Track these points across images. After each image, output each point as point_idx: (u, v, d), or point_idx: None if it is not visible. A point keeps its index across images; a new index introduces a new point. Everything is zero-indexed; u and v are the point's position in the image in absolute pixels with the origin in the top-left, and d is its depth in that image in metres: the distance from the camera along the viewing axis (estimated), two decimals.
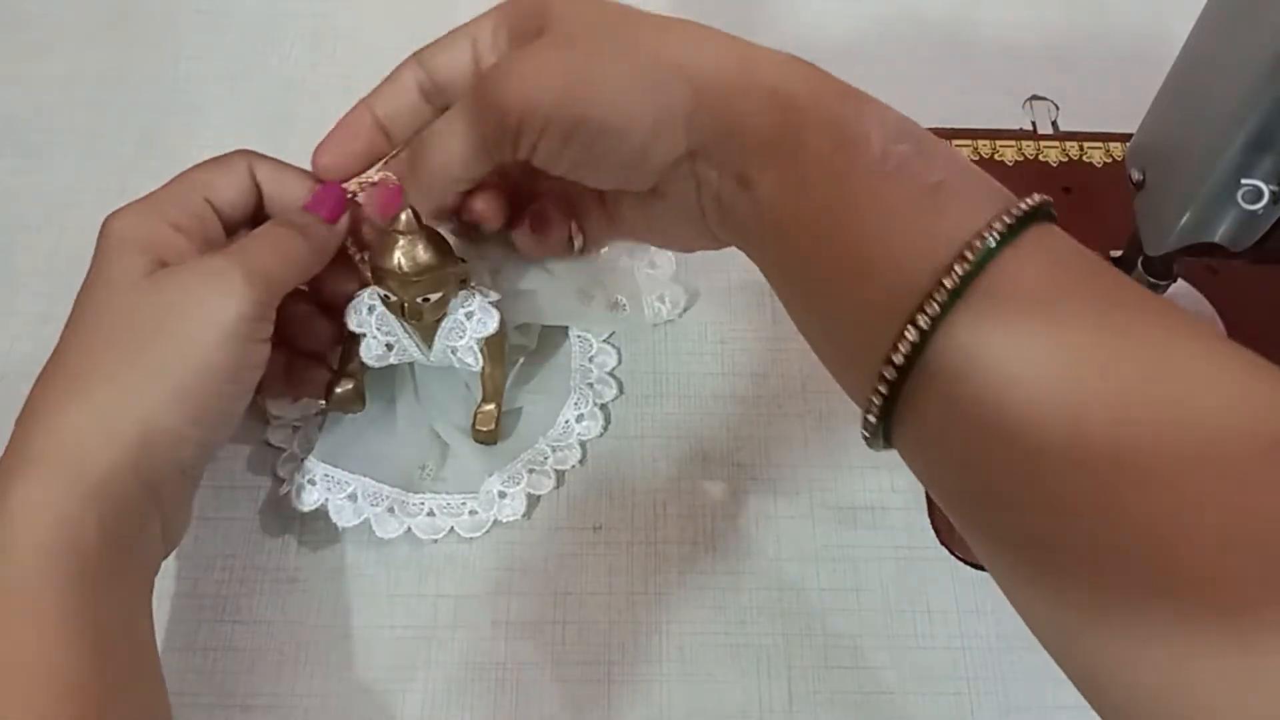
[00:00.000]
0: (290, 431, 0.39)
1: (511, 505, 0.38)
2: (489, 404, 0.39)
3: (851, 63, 0.52)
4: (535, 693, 0.35)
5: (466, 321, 0.35)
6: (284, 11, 0.52)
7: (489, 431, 0.39)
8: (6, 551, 0.27)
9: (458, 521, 0.38)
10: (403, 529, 0.37)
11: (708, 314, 0.43)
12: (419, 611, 0.37)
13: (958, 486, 0.25)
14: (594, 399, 0.41)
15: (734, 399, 0.41)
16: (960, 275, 0.23)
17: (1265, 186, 0.29)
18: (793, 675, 0.36)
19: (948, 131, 0.47)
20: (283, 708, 0.35)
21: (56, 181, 0.46)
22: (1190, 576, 0.20)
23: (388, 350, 0.35)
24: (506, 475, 0.38)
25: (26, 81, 0.49)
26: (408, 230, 0.32)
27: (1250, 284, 0.42)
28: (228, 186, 0.34)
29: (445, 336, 0.35)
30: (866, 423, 0.26)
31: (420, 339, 0.35)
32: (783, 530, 0.38)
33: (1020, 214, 0.24)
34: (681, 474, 0.39)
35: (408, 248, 0.32)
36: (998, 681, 0.35)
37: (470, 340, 0.35)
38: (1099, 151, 0.47)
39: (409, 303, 0.33)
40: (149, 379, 0.29)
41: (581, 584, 0.37)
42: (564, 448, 0.40)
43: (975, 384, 0.23)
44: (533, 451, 0.39)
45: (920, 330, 0.23)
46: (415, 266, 0.32)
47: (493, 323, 0.35)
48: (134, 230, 0.32)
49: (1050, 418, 0.22)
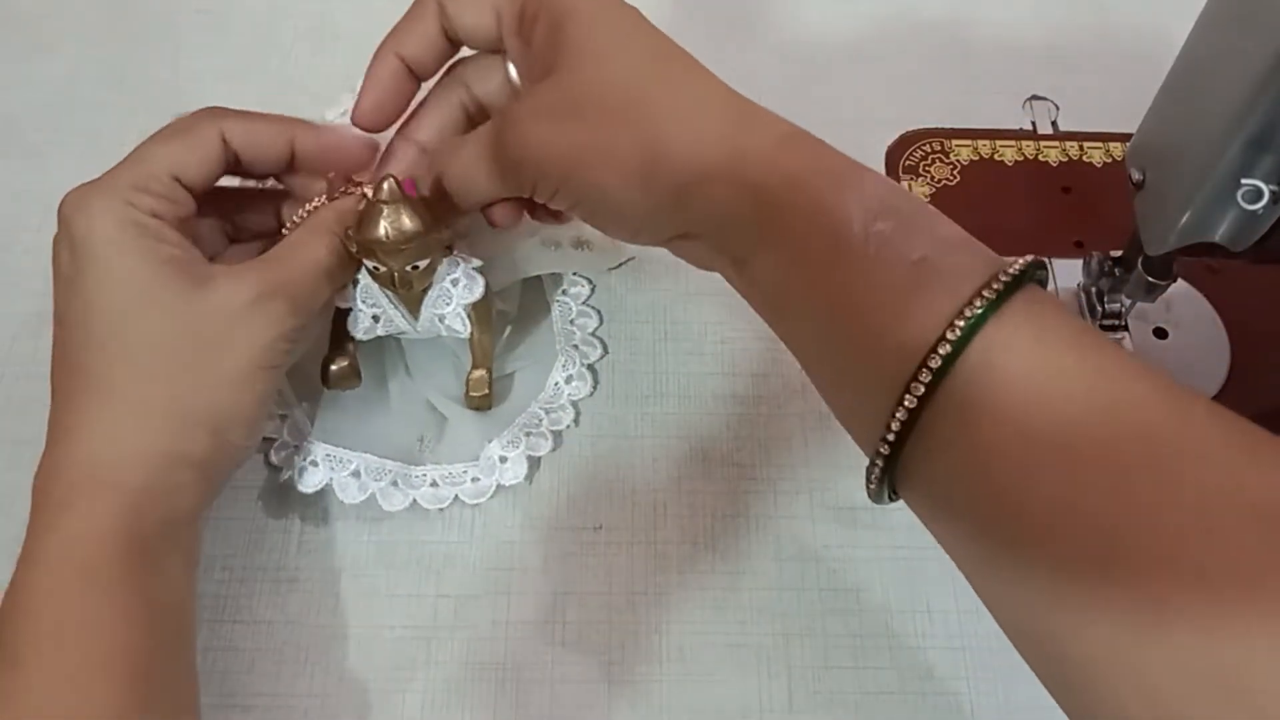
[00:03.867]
0: (279, 421, 0.39)
1: (514, 469, 0.38)
2: (479, 370, 0.39)
3: (851, 63, 0.52)
4: (535, 693, 0.35)
5: (453, 288, 0.35)
6: (284, 11, 0.52)
7: (482, 397, 0.39)
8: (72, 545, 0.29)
9: (461, 489, 0.38)
10: (408, 501, 0.38)
11: (708, 314, 0.43)
12: (419, 611, 0.37)
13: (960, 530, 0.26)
14: (580, 360, 0.41)
15: (734, 399, 0.41)
16: (943, 356, 0.24)
17: (1265, 186, 0.29)
18: (793, 675, 0.36)
19: (948, 131, 0.47)
20: (283, 708, 0.35)
21: (56, 181, 0.46)
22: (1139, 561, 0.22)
23: (374, 322, 0.35)
24: (505, 440, 0.39)
25: (26, 81, 0.49)
26: (391, 199, 0.32)
27: (1250, 284, 0.42)
28: (200, 163, 0.32)
29: (432, 305, 0.35)
30: (868, 483, 0.28)
31: (407, 309, 0.35)
32: (783, 530, 0.38)
33: (1003, 285, 0.25)
34: (681, 474, 0.39)
35: (393, 216, 0.32)
36: (998, 681, 0.35)
37: (457, 306, 0.35)
38: (1099, 151, 0.47)
39: (399, 272, 0.33)
40: (190, 407, 0.30)
41: (581, 584, 0.37)
42: (557, 409, 0.40)
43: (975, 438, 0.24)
44: (527, 415, 0.40)
45: (908, 409, 0.25)
46: (401, 235, 0.32)
47: (478, 287, 0.35)
48: (119, 224, 0.30)
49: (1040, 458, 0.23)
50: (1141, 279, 0.36)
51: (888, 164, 0.47)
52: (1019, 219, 0.45)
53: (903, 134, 0.48)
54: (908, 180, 0.46)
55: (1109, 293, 0.40)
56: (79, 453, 0.30)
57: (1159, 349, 0.41)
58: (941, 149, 0.47)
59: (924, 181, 0.46)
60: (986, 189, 0.46)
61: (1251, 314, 0.42)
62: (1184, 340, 0.41)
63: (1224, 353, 0.41)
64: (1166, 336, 0.41)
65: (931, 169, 0.46)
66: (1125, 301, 0.40)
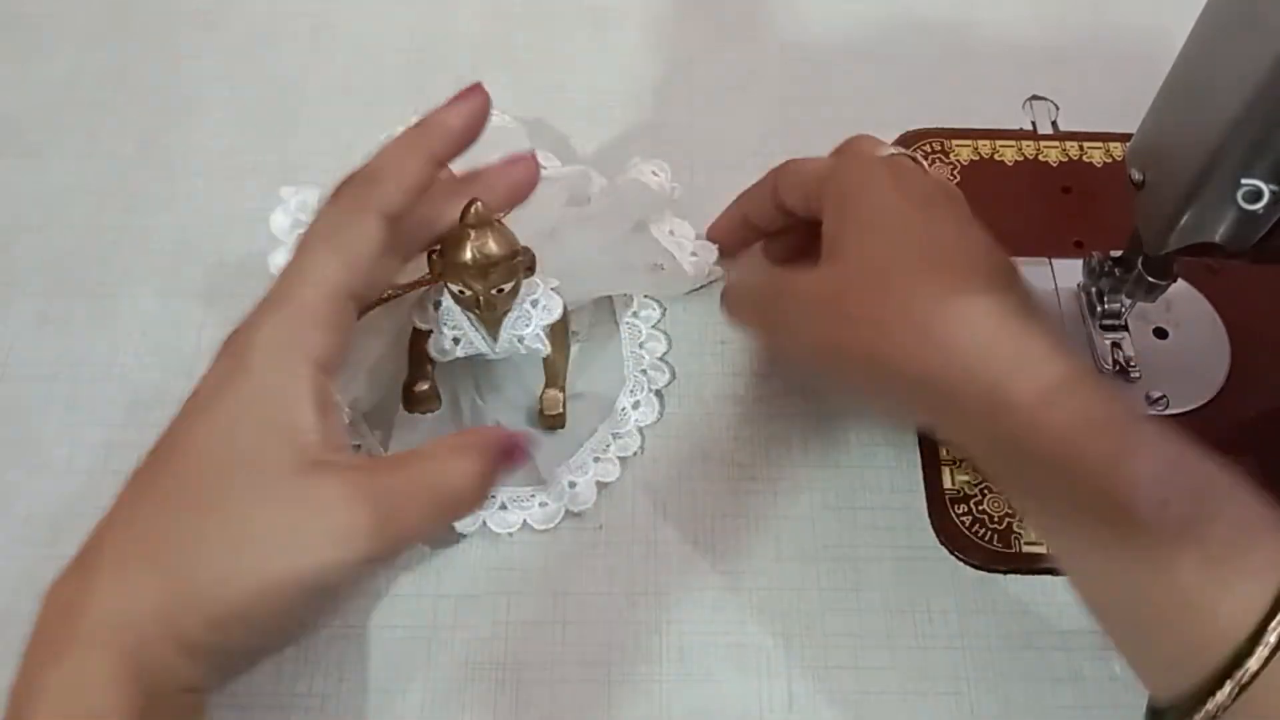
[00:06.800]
0: (353, 451, 0.38)
1: (584, 494, 0.38)
2: (553, 389, 0.39)
3: (852, 63, 0.52)
4: (535, 693, 0.35)
5: (532, 310, 0.35)
6: (284, 11, 0.52)
7: (556, 415, 0.39)
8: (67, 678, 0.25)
9: (529, 514, 0.38)
10: (478, 523, 0.38)
11: (708, 314, 0.43)
12: (419, 611, 0.37)
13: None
14: (648, 385, 0.41)
15: (734, 399, 0.41)
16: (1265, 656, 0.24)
17: (1265, 186, 0.29)
18: (793, 675, 0.36)
19: (948, 131, 0.47)
20: (283, 708, 0.35)
21: (56, 181, 0.47)
22: None
23: (454, 344, 0.35)
24: (575, 465, 0.39)
25: (26, 81, 0.49)
26: (478, 223, 0.32)
27: (1250, 284, 0.42)
28: (367, 269, 0.29)
29: (511, 326, 0.35)
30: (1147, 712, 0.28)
31: (487, 331, 0.35)
32: (783, 530, 0.38)
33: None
34: (681, 474, 0.39)
35: (479, 241, 0.32)
36: (998, 681, 0.35)
37: (536, 327, 0.35)
38: (1099, 151, 0.47)
39: (484, 296, 0.33)
40: (202, 591, 0.26)
41: (581, 584, 0.37)
42: (624, 435, 0.40)
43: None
44: (594, 440, 0.40)
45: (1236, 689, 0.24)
46: (487, 259, 0.32)
47: (558, 308, 0.35)
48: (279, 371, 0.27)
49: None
50: (1141, 279, 0.36)
51: None
52: (1019, 219, 0.45)
53: (903, 134, 0.48)
54: None
55: (1109, 293, 0.40)
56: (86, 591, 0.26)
57: (1159, 349, 0.41)
58: (941, 149, 0.47)
59: None
60: (986, 189, 0.46)
61: (1251, 314, 0.42)
62: (1184, 340, 0.41)
63: (1224, 353, 0.41)
64: (1166, 336, 0.41)
65: (931, 169, 0.46)
66: (1125, 301, 0.40)
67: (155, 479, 0.27)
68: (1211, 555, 0.25)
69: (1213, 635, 0.25)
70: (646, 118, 0.48)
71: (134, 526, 0.27)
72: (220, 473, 0.26)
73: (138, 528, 0.27)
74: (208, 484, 0.26)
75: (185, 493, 0.26)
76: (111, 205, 0.46)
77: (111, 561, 0.26)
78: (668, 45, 0.51)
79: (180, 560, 0.26)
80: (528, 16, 0.52)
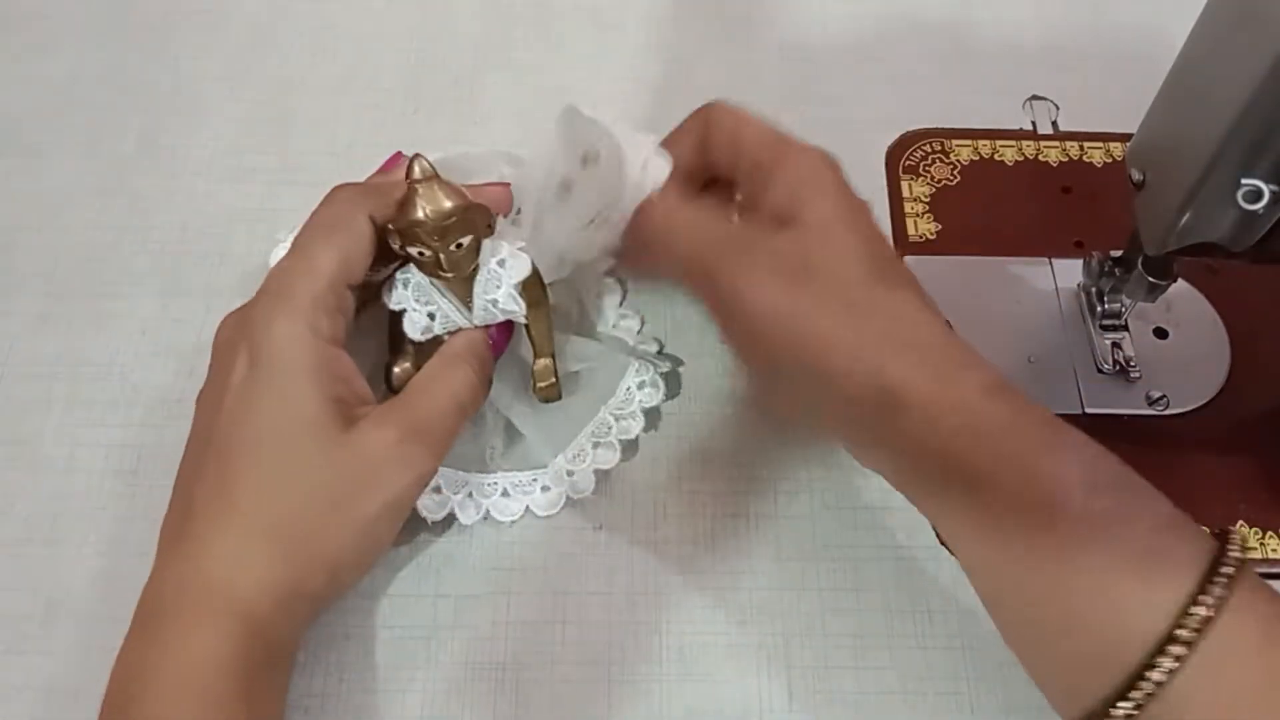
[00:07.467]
0: None
1: (583, 481, 0.38)
2: (543, 359, 0.38)
3: (852, 63, 0.52)
4: (535, 693, 0.35)
5: (500, 269, 0.35)
6: (284, 11, 0.52)
7: (549, 386, 0.37)
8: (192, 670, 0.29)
9: (532, 500, 0.38)
10: (481, 514, 0.38)
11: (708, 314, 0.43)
12: (419, 611, 0.37)
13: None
14: (654, 367, 0.41)
15: (734, 399, 0.41)
16: (1177, 656, 0.24)
17: (1265, 186, 0.29)
18: (793, 675, 0.36)
19: (948, 131, 0.47)
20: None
21: (56, 181, 0.47)
22: None
23: (431, 320, 0.35)
24: (572, 453, 0.39)
25: (26, 81, 0.49)
26: (424, 177, 0.32)
27: (1250, 284, 0.42)
28: (362, 260, 0.33)
29: (483, 290, 0.35)
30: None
31: (459, 300, 0.35)
32: (783, 530, 0.38)
33: (1230, 574, 0.24)
34: (681, 474, 0.39)
35: (429, 194, 0.32)
36: (998, 681, 0.35)
37: (508, 288, 0.35)
38: (1099, 151, 0.47)
39: (444, 254, 0.33)
40: (319, 548, 0.31)
41: (581, 584, 0.37)
42: (626, 416, 0.40)
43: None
44: (596, 422, 0.39)
45: (1146, 693, 0.24)
46: (440, 213, 0.32)
47: (525, 264, 0.35)
48: (304, 353, 0.31)
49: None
50: (1141, 279, 0.36)
51: (888, 164, 0.47)
52: (1019, 219, 0.45)
53: (903, 134, 0.48)
54: (908, 180, 0.46)
55: (1109, 293, 0.40)
56: (205, 570, 0.30)
57: (1159, 349, 0.41)
58: (941, 149, 0.47)
59: (924, 181, 0.46)
60: (986, 189, 0.46)
61: (1251, 314, 0.42)
62: (1184, 340, 0.41)
63: (1224, 353, 0.41)
64: (1166, 336, 0.41)
65: (931, 169, 0.46)
66: (1125, 301, 0.40)
67: (227, 469, 0.31)
68: (1132, 553, 0.25)
69: (1124, 638, 0.25)
70: (646, 118, 0.48)
71: (233, 506, 0.30)
72: (288, 449, 0.31)
73: (240, 506, 0.30)
74: (282, 460, 0.30)
75: (265, 471, 0.30)
76: (111, 205, 0.46)
77: (223, 540, 0.30)
78: (668, 45, 0.51)
79: (292, 530, 0.30)
80: (528, 16, 0.52)
